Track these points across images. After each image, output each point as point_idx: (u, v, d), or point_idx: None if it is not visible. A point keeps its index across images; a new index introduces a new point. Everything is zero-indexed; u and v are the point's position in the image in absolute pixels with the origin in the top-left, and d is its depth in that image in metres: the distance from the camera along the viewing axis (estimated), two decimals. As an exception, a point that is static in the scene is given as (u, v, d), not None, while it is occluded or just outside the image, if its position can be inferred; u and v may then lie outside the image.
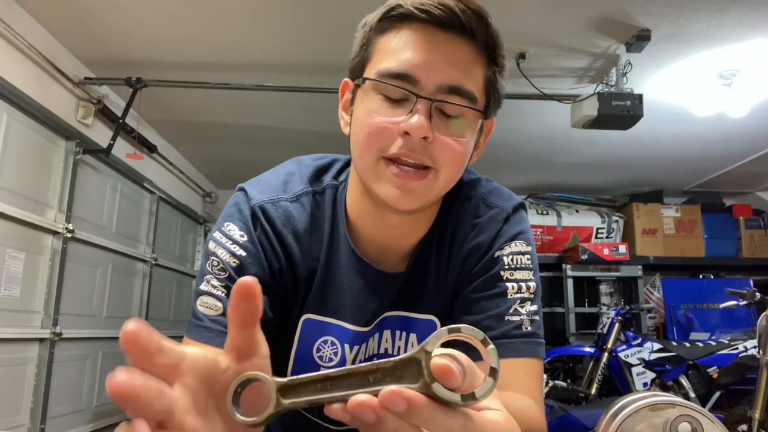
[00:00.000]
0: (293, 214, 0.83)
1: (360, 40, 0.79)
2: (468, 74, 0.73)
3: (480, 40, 0.74)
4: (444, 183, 0.76)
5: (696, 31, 2.67)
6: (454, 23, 0.72)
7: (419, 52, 0.72)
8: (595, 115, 2.97)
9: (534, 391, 0.75)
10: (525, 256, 0.83)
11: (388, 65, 0.72)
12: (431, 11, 0.71)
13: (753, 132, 3.85)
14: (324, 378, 0.37)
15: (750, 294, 3.01)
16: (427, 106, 0.71)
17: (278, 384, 0.37)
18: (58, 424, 2.90)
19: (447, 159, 0.73)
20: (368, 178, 0.75)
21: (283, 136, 4.06)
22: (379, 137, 0.72)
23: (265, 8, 2.54)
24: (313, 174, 0.88)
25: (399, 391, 0.34)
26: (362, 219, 0.84)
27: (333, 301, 0.85)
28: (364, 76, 0.76)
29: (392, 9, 0.74)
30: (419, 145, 0.71)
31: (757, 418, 2.49)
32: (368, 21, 0.78)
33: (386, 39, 0.75)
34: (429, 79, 0.71)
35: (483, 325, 0.78)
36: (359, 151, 0.75)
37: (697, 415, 0.51)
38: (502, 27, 0.78)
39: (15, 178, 2.55)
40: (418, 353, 0.36)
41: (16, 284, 2.57)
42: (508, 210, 0.85)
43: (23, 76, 2.57)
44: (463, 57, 0.73)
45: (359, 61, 0.78)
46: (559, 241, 5.08)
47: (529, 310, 0.79)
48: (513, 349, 0.77)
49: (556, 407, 2.91)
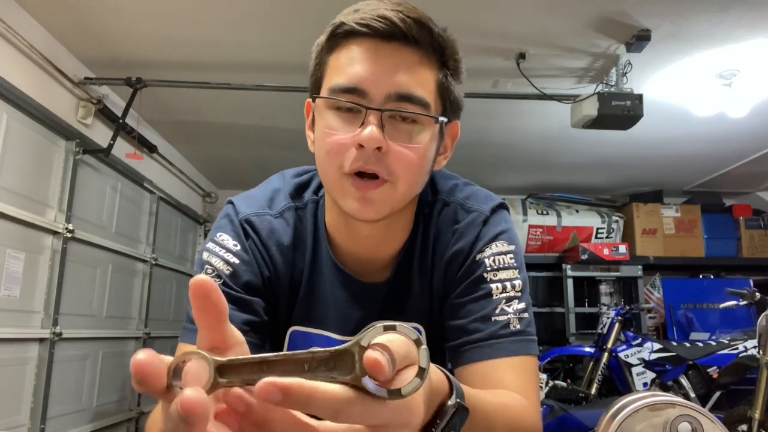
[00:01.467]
0: (277, 228, 0.86)
1: (314, 60, 0.81)
2: (416, 81, 0.74)
3: (425, 46, 0.75)
4: (404, 192, 0.77)
5: (696, 31, 2.67)
6: (396, 34, 0.73)
7: (365, 65, 0.73)
8: (595, 115, 2.97)
9: (527, 390, 0.75)
10: (507, 256, 0.83)
11: (338, 81, 0.74)
12: (372, 25, 0.73)
13: (753, 132, 3.85)
14: (261, 361, 0.38)
15: (750, 294, 3.01)
16: (377, 117, 0.72)
17: (217, 363, 0.38)
18: (58, 424, 2.90)
19: (402, 168, 0.74)
20: (334, 194, 0.78)
21: (283, 136, 4.06)
22: (338, 153, 0.74)
23: (265, 8, 2.54)
24: (294, 190, 0.91)
25: (273, 381, 0.35)
26: (338, 232, 0.86)
27: (318, 313, 0.87)
28: (317, 95, 0.78)
29: (337, 27, 0.76)
30: (374, 156, 0.72)
31: (757, 418, 2.49)
32: (320, 41, 0.80)
33: (335, 57, 0.77)
34: (377, 89, 0.73)
35: (470, 328, 0.79)
36: (323, 168, 0.78)
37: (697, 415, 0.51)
38: (502, 27, 0.79)
39: (15, 178, 2.55)
40: (352, 346, 0.37)
41: (16, 284, 2.57)
42: (486, 212, 0.86)
43: (23, 76, 2.57)
44: (408, 64, 0.74)
45: (314, 81, 0.81)
46: (559, 241, 5.08)
47: (517, 309, 0.80)
48: (502, 349, 0.77)
49: (556, 407, 2.92)
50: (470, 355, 0.78)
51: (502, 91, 3.24)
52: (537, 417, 0.74)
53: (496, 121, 3.74)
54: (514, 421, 0.67)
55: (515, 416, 0.68)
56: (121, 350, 3.65)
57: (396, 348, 0.38)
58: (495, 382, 0.75)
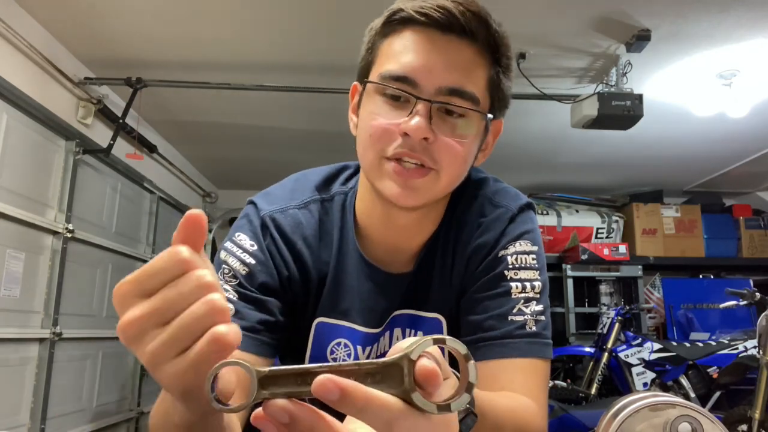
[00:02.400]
0: (302, 221, 0.85)
1: (366, 44, 0.80)
2: (468, 76, 0.74)
3: (481, 41, 0.75)
4: (446, 183, 0.77)
5: (696, 31, 2.67)
6: (454, 26, 0.73)
7: (419, 55, 0.73)
8: (595, 115, 2.97)
9: (535, 392, 0.74)
10: (530, 256, 0.83)
11: (390, 68, 0.74)
12: (431, 14, 0.72)
13: (753, 132, 3.85)
14: (305, 372, 0.37)
15: (750, 294, 3.01)
16: (426, 108, 0.72)
17: (260, 374, 0.37)
18: (58, 424, 2.90)
19: (448, 159, 0.74)
20: (372, 176, 0.77)
21: (283, 136, 4.06)
22: (381, 138, 0.74)
23: (266, 8, 2.54)
24: (321, 182, 0.90)
25: (333, 379, 0.34)
26: (371, 221, 0.85)
27: (344, 304, 0.86)
28: (368, 80, 0.77)
29: (394, 13, 0.75)
30: (419, 145, 0.72)
31: (757, 418, 2.49)
32: (374, 25, 0.80)
33: (389, 42, 0.76)
34: (429, 81, 0.72)
35: (486, 325, 0.79)
36: (363, 150, 0.77)
37: (697, 415, 0.51)
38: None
39: (15, 178, 2.55)
40: (401, 359, 0.37)
41: (16, 284, 2.57)
42: (514, 210, 0.86)
43: (23, 76, 2.57)
44: (463, 59, 0.74)
45: (365, 65, 0.80)
46: (559, 241, 5.08)
47: (534, 310, 0.79)
48: (515, 349, 0.76)
49: (556, 407, 2.91)
50: (483, 353, 0.77)
51: (502, 91, 3.24)
52: (543, 421, 0.73)
53: (496, 121, 3.74)
54: (521, 425, 0.67)
55: (523, 421, 0.68)
56: (121, 350, 3.65)
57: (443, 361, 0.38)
58: (505, 382, 0.74)
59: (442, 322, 0.87)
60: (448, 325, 0.87)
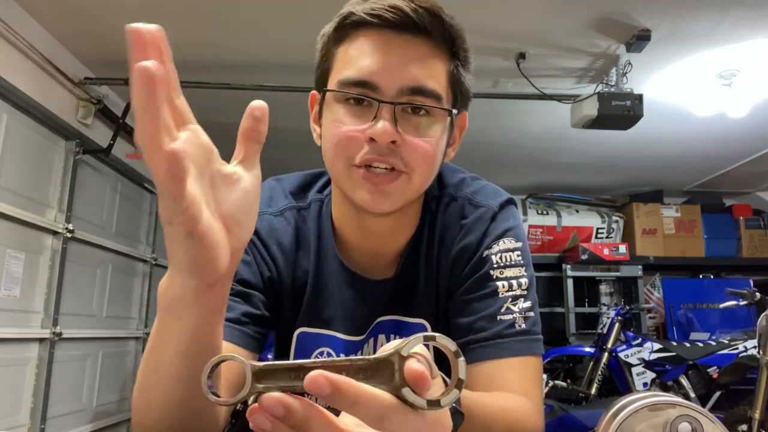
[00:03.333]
0: (277, 227, 0.85)
1: (320, 51, 0.80)
2: (429, 73, 0.73)
3: (436, 37, 0.74)
4: (418, 184, 0.76)
5: (696, 31, 2.67)
6: (408, 24, 0.72)
7: (376, 57, 0.72)
8: (595, 115, 2.97)
9: (530, 390, 0.74)
10: (514, 253, 0.82)
11: (348, 74, 0.73)
12: (382, 15, 0.71)
13: (753, 132, 3.85)
14: (299, 367, 0.37)
15: (750, 294, 3.01)
16: (390, 111, 0.71)
17: (255, 368, 0.37)
18: (58, 424, 2.90)
19: (418, 160, 0.73)
20: (343, 185, 0.76)
21: (283, 136, 4.06)
22: (347, 146, 0.73)
23: (265, 8, 2.54)
24: (296, 189, 0.90)
25: (325, 374, 0.34)
26: (347, 228, 0.85)
27: (325, 313, 0.86)
28: (327, 88, 0.76)
29: (345, 18, 0.74)
30: (387, 149, 0.72)
31: (757, 418, 2.49)
32: (325, 31, 0.79)
33: (344, 48, 0.75)
34: (389, 83, 0.71)
35: (475, 327, 0.78)
36: (330, 160, 0.76)
37: (697, 415, 0.51)
38: (502, 27, 0.79)
39: (15, 178, 2.55)
40: (392, 355, 0.37)
41: (16, 284, 2.57)
42: (494, 208, 0.85)
43: (23, 76, 2.57)
44: (420, 56, 0.73)
45: (321, 73, 0.79)
46: (559, 241, 5.08)
47: (522, 307, 0.79)
48: (507, 349, 0.76)
49: (556, 407, 2.91)
50: (475, 355, 0.77)
51: (502, 91, 3.24)
52: (539, 419, 0.73)
53: (496, 121, 3.74)
54: (515, 424, 0.67)
55: (515, 420, 0.68)
56: (121, 350, 3.65)
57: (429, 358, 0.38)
58: (499, 382, 0.74)
59: (427, 327, 0.86)
60: (433, 330, 0.86)
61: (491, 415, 0.63)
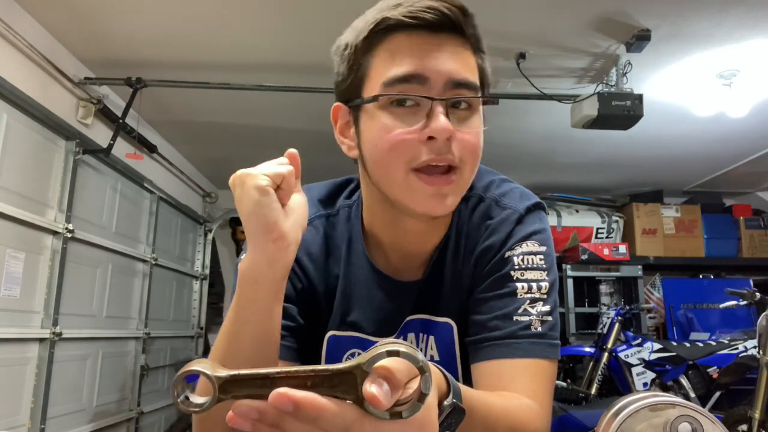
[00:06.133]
0: (306, 237, 0.84)
1: (347, 63, 0.79)
2: (466, 67, 0.75)
3: (467, 32, 0.76)
4: (468, 177, 0.77)
5: (696, 31, 2.67)
6: (444, 23, 0.73)
7: (420, 54, 0.73)
8: (595, 115, 2.97)
9: (538, 393, 0.73)
10: (537, 256, 0.82)
11: (395, 72, 0.73)
12: (422, 16, 0.72)
13: (753, 132, 3.85)
14: (265, 377, 0.39)
15: (750, 294, 3.01)
16: (444, 106, 0.72)
17: (220, 380, 0.39)
18: (58, 424, 2.90)
19: (468, 154, 0.74)
20: (398, 194, 0.75)
21: (283, 136, 4.06)
22: (404, 150, 0.72)
23: (265, 8, 2.54)
24: (325, 197, 0.91)
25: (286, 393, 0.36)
26: (382, 231, 0.85)
27: (354, 315, 0.87)
28: (371, 95, 0.75)
29: (378, 24, 0.74)
30: (444, 146, 0.72)
31: (757, 418, 2.49)
32: (350, 42, 0.78)
33: (378, 54, 0.75)
34: (437, 77, 0.72)
35: (490, 325, 0.78)
36: (384, 169, 0.75)
37: (697, 415, 0.51)
38: (502, 27, 0.80)
39: (15, 178, 2.55)
40: (354, 368, 0.38)
41: (16, 284, 2.57)
42: (521, 211, 0.85)
43: (23, 76, 2.57)
44: (456, 51, 0.75)
45: (351, 84, 0.78)
46: (559, 241, 5.08)
47: (541, 311, 0.78)
48: (519, 349, 0.75)
49: (556, 407, 2.91)
50: (486, 353, 0.77)
51: (502, 91, 3.24)
52: (544, 422, 0.72)
53: (496, 121, 3.74)
54: (518, 425, 0.66)
55: (519, 421, 0.67)
56: (121, 350, 3.65)
57: (400, 368, 0.38)
58: (507, 382, 0.74)
59: (453, 326, 0.87)
60: (458, 329, 0.87)
61: (494, 413, 0.63)
